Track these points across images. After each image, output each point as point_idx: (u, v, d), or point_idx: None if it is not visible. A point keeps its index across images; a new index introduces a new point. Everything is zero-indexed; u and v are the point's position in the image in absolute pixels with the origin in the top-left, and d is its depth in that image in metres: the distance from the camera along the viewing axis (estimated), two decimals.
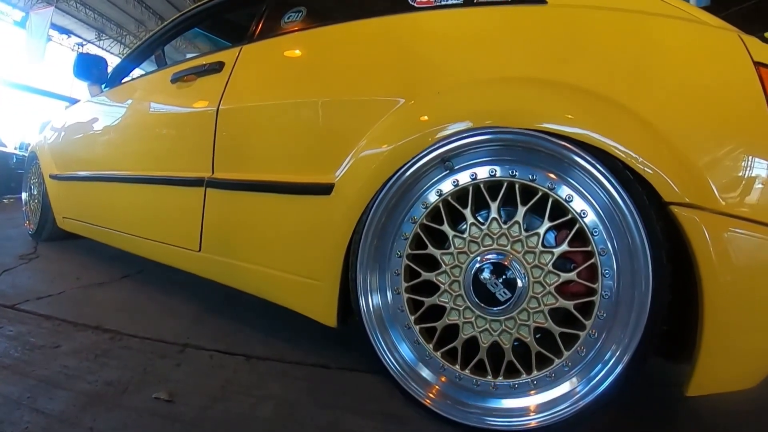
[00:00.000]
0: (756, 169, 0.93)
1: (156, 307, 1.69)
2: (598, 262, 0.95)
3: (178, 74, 1.70)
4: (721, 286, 0.88)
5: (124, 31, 17.07)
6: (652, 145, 0.91)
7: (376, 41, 1.27)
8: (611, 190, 0.92)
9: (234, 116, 1.44)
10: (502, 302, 0.98)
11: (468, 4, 1.18)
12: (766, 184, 0.94)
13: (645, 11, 1.02)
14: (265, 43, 1.53)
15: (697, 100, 0.96)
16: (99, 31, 16.92)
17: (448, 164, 1.02)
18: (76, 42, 17.32)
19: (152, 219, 1.80)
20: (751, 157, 0.93)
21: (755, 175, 0.92)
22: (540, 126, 0.95)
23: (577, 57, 1.02)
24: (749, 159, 0.93)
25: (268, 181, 1.30)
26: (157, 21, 15.80)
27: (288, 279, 1.27)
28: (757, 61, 0.93)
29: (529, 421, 0.95)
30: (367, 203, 1.08)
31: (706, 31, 1.01)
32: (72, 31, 16.65)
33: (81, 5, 14.63)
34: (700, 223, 0.88)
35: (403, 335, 1.09)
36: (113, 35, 17.18)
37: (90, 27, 16.41)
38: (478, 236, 1.01)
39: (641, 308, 0.91)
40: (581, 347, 0.97)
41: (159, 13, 15.50)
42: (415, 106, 1.09)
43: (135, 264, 2.28)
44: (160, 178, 1.70)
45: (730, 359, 0.93)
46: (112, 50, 17.35)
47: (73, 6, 14.48)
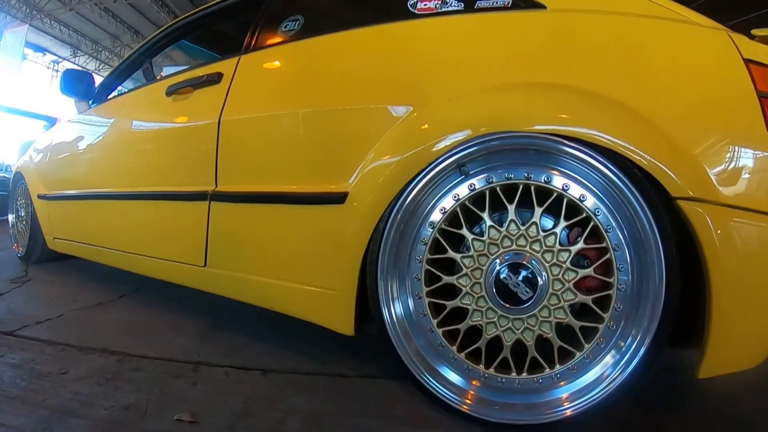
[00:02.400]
0: (752, 161, 0.96)
1: (160, 325, 1.64)
2: (613, 257, 0.97)
3: (174, 87, 1.66)
4: (726, 274, 0.91)
5: (99, 47, 16.62)
6: (657, 143, 0.93)
7: (379, 49, 1.26)
8: (622, 188, 0.94)
9: (237, 128, 1.41)
10: (525, 301, 0.99)
11: (469, 10, 1.18)
12: (762, 175, 0.97)
13: (641, 14, 1.05)
14: (264, 53, 1.51)
15: (694, 98, 0.99)
16: (74, 48, 16.44)
17: (464, 169, 1.02)
18: (51, 60, 16.82)
19: (152, 235, 1.74)
20: (747, 150, 0.96)
21: (751, 166, 0.96)
22: (549, 129, 0.96)
23: (579, 60, 1.04)
24: (745, 152, 0.96)
25: (278, 192, 1.27)
26: (132, 35, 15.45)
27: (302, 290, 1.25)
28: (746, 59, 0.97)
29: (563, 411, 0.97)
30: (383, 210, 1.07)
31: (698, 31, 1.04)
32: (47, 49, 16.16)
33: (55, 22, 14.20)
34: (704, 214, 0.91)
35: (426, 340, 1.08)
36: (88, 51, 16.71)
37: (65, 44, 15.93)
38: (497, 238, 1.01)
39: (656, 299, 0.94)
40: (601, 339, 0.99)
41: (134, 27, 15.16)
42: (420, 114, 1.09)
43: (131, 282, 2.21)
44: (160, 193, 1.65)
45: (737, 341, 0.97)
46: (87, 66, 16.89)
47: (47, 23, 14.05)
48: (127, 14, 14.20)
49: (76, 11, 13.46)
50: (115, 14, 14.13)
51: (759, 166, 0.96)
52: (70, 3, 12.82)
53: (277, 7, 1.63)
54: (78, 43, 16.11)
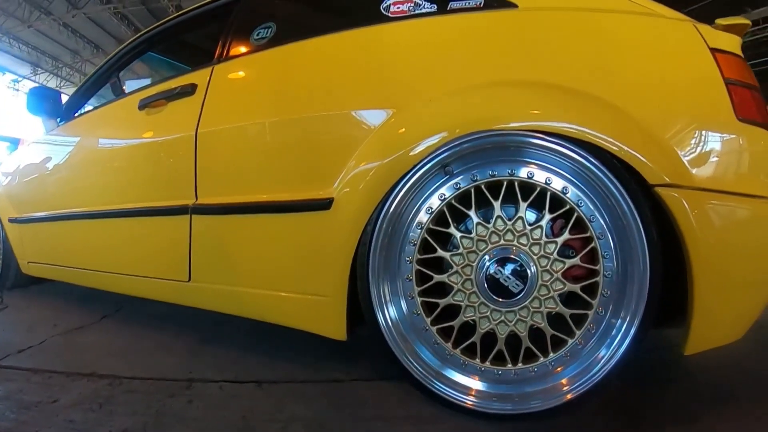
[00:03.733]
0: (722, 145, 1.01)
1: (147, 344, 1.59)
2: (598, 245, 0.99)
3: (147, 100, 1.62)
4: (705, 254, 0.95)
5: (60, 63, 16.06)
6: (632, 133, 0.97)
7: (355, 54, 1.26)
8: (602, 178, 0.97)
9: (216, 139, 1.38)
10: (516, 293, 1.01)
11: (442, 12, 1.19)
12: (732, 157, 1.02)
13: (610, 9, 1.08)
14: (238, 62, 1.48)
15: (664, 88, 1.02)
16: (34, 66, 15.85)
17: (447, 169, 1.04)
18: (11, 79, 16.18)
19: (132, 253, 1.69)
20: (717, 135, 1.01)
21: (722, 150, 1.01)
22: (523, 125, 0.98)
23: (550, 56, 1.06)
24: (715, 136, 1.00)
25: (262, 201, 1.26)
26: (92, 49, 14.97)
27: (292, 299, 1.24)
28: (712, 48, 1.01)
29: (564, 395, 1.00)
30: (370, 214, 1.07)
31: (665, 23, 1.07)
32: (7, 68, 15.53)
33: (14, 40, 13.64)
34: (681, 199, 0.95)
35: (421, 339, 1.08)
36: (49, 68, 16.14)
37: (24, 62, 15.33)
38: (485, 235, 1.02)
39: (642, 282, 0.97)
40: (591, 324, 1.01)
41: (94, 41, 14.70)
42: (397, 119, 1.09)
43: (111, 302, 2.14)
44: (138, 209, 1.61)
45: (719, 317, 1.02)
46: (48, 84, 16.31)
47: (6, 42, 13.49)
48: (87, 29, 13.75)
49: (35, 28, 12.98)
50: (75, 29, 13.66)
51: (729, 150, 1.00)
52: (29, 20, 12.34)
53: (247, 15, 1.61)
54: (38, 60, 15.54)
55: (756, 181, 1.05)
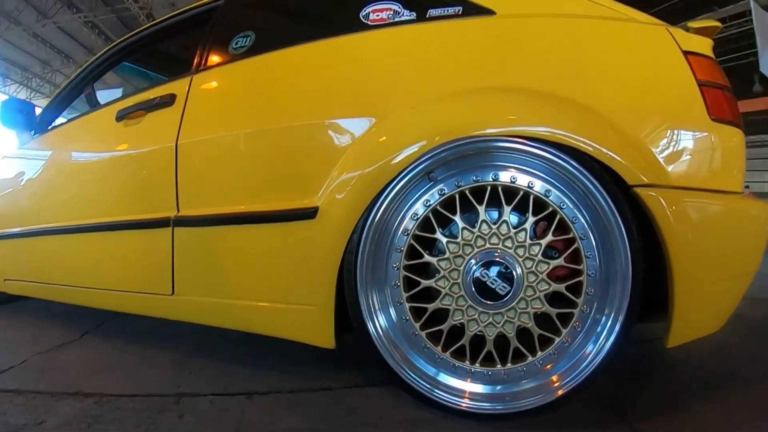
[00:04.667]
0: (697, 145, 1.05)
1: (132, 359, 1.56)
2: (581, 246, 1.02)
3: (124, 111, 1.59)
4: (684, 250, 0.99)
5: (30, 74, 15.63)
6: (610, 135, 1.00)
7: (336, 63, 1.26)
8: (583, 180, 0.99)
9: (197, 150, 1.37)
10: (503, 295, 1.02)
11: (421, 19, 1.20)
12: (706, 155, 1.06)
13: (586, 15, 1.11)
14: (217, 72, 1.47)
15: (640, 90, 1.06)
16: (3, 77, 15.40)
17: (432, 176, 1.05)
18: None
19: (113, 268, 1.66)
20: (691, 135, 1.04)
21: (697, 149, 1.05)
22: (500, 131, 1.01)
23: (528, 62, 1.09)
24: (690, 137, 1.04)
25: (247, 212, 1.25)
26: (62, 59, 14.62)
27: (280, 309, 1.23)
28: (685, 50, 1.04)
29: (555, 392, 1.02)
30: (356, 222, 1.07)
31: (639, 28, 1.11)
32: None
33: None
34: (658, 198, 0.98)
35: (411, 345, 1.09)
36: (18, 79, 15.69)
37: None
38: (470, 239, 1.04)
39: (624, 279, 1.01)
40: (577, 322, 1.04)
41: (64, 51, 14.35)
42: (378, 128, 1.10)
43: (91, 318, 2.09)
44: (118, 223, 1.58)
45: (700, 309, 1.06)
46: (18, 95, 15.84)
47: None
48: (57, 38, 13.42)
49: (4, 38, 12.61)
50: (45, 39, 13.31)
51: (703, 148, 1.05)
52: None
53: (226, 23, 1.60)
54: (7, 71, 15.11)
55: (729, 178, 1.09)
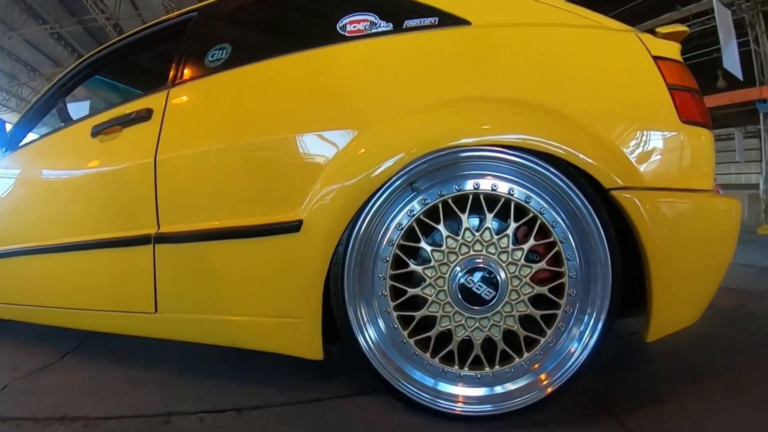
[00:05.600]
0: (669, 147, 1.09)
1: (117, 380, 1.53)
2: (561, 249, 1.05)
3: (100, 127, 1.56)
4: (660, 248, 1.03)
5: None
6: (585, 141, 1.03)
7: (314, 75, 1.27)
8: (561, 185, 1.03)
9: (176, 165, 1.35)
10: (489, 300, 1.05)
11: (398, 30, 1.21)
12: (678, 156, 1.10)
13: (559, 23, 1.14)
14: (194, 85, 1.46)
15: (612, 96, 1.10)
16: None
17: (414, 186, 1.07)
18: None
19: (93, 287, 1.62)
20: (663, 138, 1.09)
21: (670, 151, 1.09)
22: (476, 141, 1.03)
23: (504, 72, 1.12)
24: (662, 139, 1.09)
25: (229, 227, 1.24)
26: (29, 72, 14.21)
27: (266, 323, 1.23)
28: (654, 55, 1.08)
29: (544, 389, 1.05)
30: (340, 234, 1.08)
31: (610, 34, 1.14)
32: None
33: None
34: (634, 200, 1.02)
35: (401, 352, 1.10)
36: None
37: None
38: (455, 247, 1.05)
39: (605, 279, 1.04)
40: (561, 323, 1.07)
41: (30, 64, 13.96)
42: (358, 141, 1.11)
43: (70, 339, 2.03)
44: (97, 241, 1.54)
45: (677, 304, 1.11)
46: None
47: None
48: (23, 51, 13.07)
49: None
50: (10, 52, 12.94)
51: (674, 150, 1.09)
52: None
53: (201, 36, 1.58)
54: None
55: (700, 177, 1.14)
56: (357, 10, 1.29)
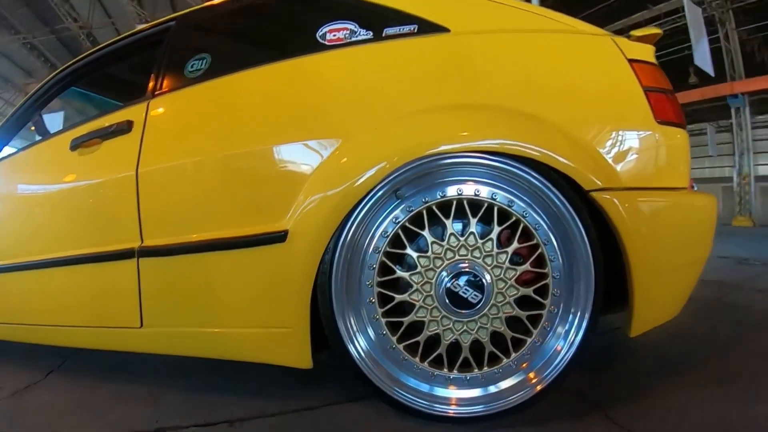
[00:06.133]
0: (646, 147, 1.11)
1: (104, 396, 1.50)
2: (545, 251, 1.07)
3: (79, 140, 1.53)
4: (640, 246, 1.06)
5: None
6: (564, 144, 1.05)
7: (295, 84, 1.27)
8: (543, 189, 1.04)
9: (158, 178, 1.34)
10: (475, 304, 1.06)
11: (378, 38, 1.22)
12: (654, 156, 1.13)
13: (535, 29, 1.16)
14: (175, 96, 1.44)
15: (590, 99, 1.12)
16: None
17: (399, 193, 1.07)
18: None
19: (76, 304, 1.59)
20: (640, 139, 1.11)
21: (646, 152, 1.12)
22: (455, 148, 1.04)
23: (483, 78, 1.14)
24: (639, 140, 1.11)
25: (215, 239, 1.23)
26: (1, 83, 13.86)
27: (255, 333, 1.22)
28: (630, 59, 1.11)
29: (534, 387, 1.07)
30: (326, 243, 1.08)
31: (586, 39, 1.17)
32: None
33: None
34: (613, 200, 1.04)
35: (390, 358, 1.11)
36: None
37: None
38: (440, 252, 1.06)
39: (587, 278, 1.06)
40: (546, 322, 1.09)
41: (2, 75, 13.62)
42: (341, 151, 1.11)
43: (53, 356, 1.98)
44: (79, 257, 1.51)
45: (658, 299, 1.13)
46: None
47: None
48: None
49: None
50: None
51: (651, 150, 1.12)
52: None
53: (179, 45, 1.56)
54: None
55: (676, 175, 1.17)
56: (336, 19, 1.29)
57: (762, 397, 1.22)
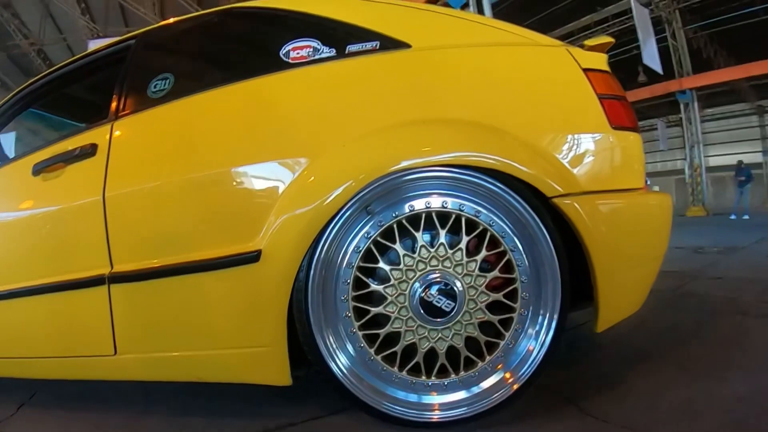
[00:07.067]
0: (602, 152, 1.16)
1: (80, 426, 1.44)
2: (512, 257, 1.09)
3: (42, 164, 1.47)
4: (601, 247, 1.10)
5: None
6: (525, 154, 1.08)
7: (261, 104, 1.25)
8: (507, 197, 1.07)
9: (126, 202, 1.30)
10: (449, 312, 1.07)
11: (341, 56, 1.22)
12: (609, 162, 1.18)
13: (493, 43, 1.19)
14: (139, 118, 1.40)
15: (547, 108, 1.16)
16: None
17: (369, 209, 1.08)
18: None
19: (45, 334, 1.52)
20: (597, 144, 1.15)
21: (603, 156, 1.16)
22: (415, 163, 1.06)
23: (443, 92, 1.16)
24: (596, 146, 1.15)
25: (187, 262, 1.20)
26: None
27: (232, 354, 1.20)
28: (584, 68, 1.15)
29: (511, 387, 1.09)
30: (300, 261, 1.08)
31: (542, 50, 1.21)
32: None
33: None
34: (573, 204, 1.08)
35: (369, 370, 1.11)
36: None
37: None
38: (412, 264, 1.08)
39: (554, 280, 1.10)
40: (517, 325, 1.11)
41: None
42: (308, 170, 1.11)
43: (22, 388, 1.89)
44: (47, 285, 1.45)
45: (621, 294, 1.18)
46: None
47: None
48: None
49: None
50: None
51: (607, 154, 1.17)
52: None
53: (141, 65, 1.52)
54: None
55: (632, 176, 1.22)
56: (299, 36, 1.29)
57: (725, 379, 1.29)
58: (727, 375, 1.32)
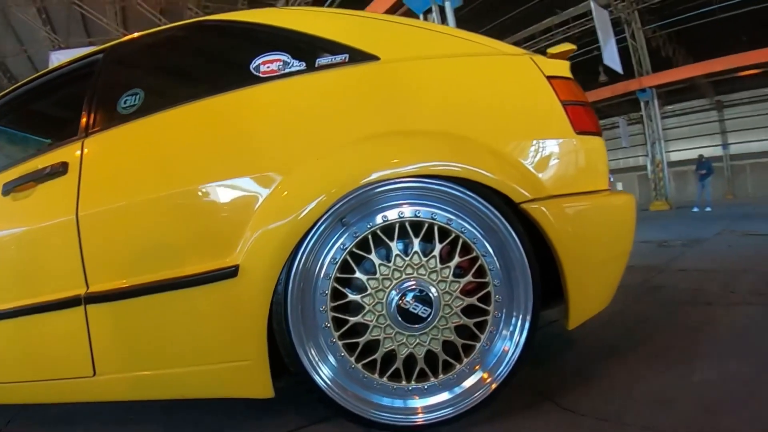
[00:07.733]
0: (566, 157, 1.19)
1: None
2: (484, 262, 1.12)
3: (11, 184, 1.41)
4: (569, 248, 1.14)
5: None
6: (493, 161, 1.11)
7: (232, 118, 1.24)
8: (477, 205, 1.10)
9: (100, 220, 1.27)
10: (425, 317, 1.09)
11: (311, 69, 1.23)
12: (574, 165, 1.22)
13: (459, 53, 1.21)
14: (109, 135, 1.36)
15: (512, 116, 1.19)
16: None
17: (344, 221, 1.09)
18: None
19: (20, 358, 1.46)
20: (561, 149, 1.19)
21: (566, 161, 1.19)
22: (384, 175, 1.07)
23: (411, 103, 1.17)
24: (560, 151, 1.19)
25: (165, 279, 1.18)
26: None
27: (213, 370, 1.18)
28: (548, 76, 1.18)
29: (490, 386, 1.12)
30: (278, 274, 1.07)
31: (506, 59, 1.24)
32: None
33: None
34: (541, 209, 1.11)
35: (351, 378, 1.11)
36: None
37: None
38: (388, 273, 1.09)
39: (525, 282, 1.12)
40: (492, 327, 1.14)
41: None
42: (282, 185, 1.11)
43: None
44: (19, 309, 1.40)
45: (590, 292, 1.22)
46: None
47: None
48: None
49: None
50: None
51: (572, 158, 1.20)
52: None
53: (110, 80, 1.48)
54: None
55: (597, 178, 1.27)
56: (269, 50, 1.28)
57: (695, 368, 1.34)
58: (696, 363, 1.37)
